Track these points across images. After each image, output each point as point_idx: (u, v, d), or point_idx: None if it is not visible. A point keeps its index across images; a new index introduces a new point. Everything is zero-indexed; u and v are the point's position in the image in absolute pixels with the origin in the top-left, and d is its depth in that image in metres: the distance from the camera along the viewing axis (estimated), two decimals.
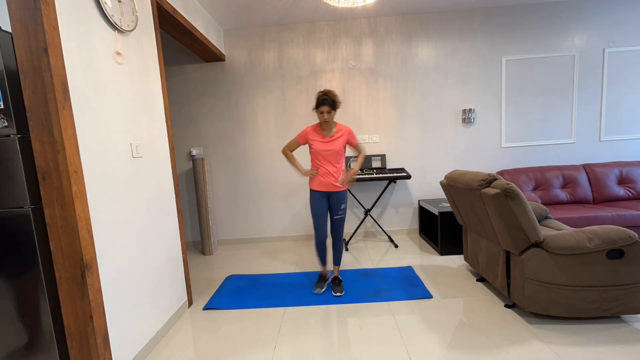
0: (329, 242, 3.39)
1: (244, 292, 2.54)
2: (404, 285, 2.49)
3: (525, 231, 1.83)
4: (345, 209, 2.46)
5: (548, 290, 1.83)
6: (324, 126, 2.36)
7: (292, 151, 2.49)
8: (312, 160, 2.43)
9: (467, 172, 2.23)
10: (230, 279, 2.82)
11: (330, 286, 2.54)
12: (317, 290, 2.45)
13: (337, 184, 2.38)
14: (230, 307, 2.31)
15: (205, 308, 2.32)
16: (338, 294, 2.40)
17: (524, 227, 1.82)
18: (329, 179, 2.37)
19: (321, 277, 2.57)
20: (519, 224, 1.82)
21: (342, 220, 2.46)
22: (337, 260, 2.53)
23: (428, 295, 2.29)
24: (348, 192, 3.76)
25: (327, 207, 2.46)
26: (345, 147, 2.40)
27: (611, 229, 1.78)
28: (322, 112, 2.27)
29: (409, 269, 2.78)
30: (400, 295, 2.34)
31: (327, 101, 2.24)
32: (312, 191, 2.43)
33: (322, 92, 2.30)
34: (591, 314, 1.80)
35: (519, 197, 1.78)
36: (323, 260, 2.54)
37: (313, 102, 3.64)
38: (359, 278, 2.68)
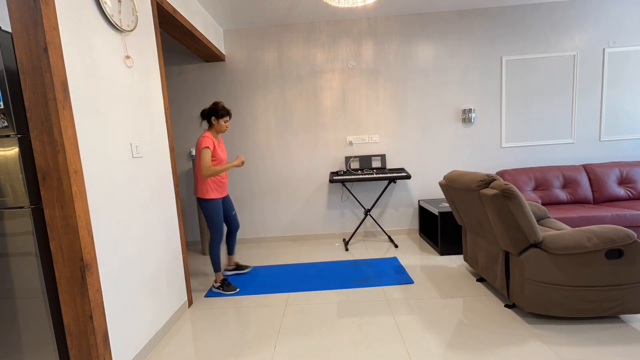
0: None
1: (243, 285, 2.67)
2: (389, 272, 2.75)
3: (524, 231, 1.83)
4: None
5: (547, 290, 1.83)
6: (216, 135, 2.53)
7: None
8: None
9: (465, 172, 2.23)
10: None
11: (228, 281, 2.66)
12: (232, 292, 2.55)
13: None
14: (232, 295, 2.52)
15: (207, 295, 2.51)
16: (231, 292, 2.55)
17: (522, 228, 1.82)
18: (225, 184, 2.59)
19: (226, 282, 2.61)
20: (517, 225, 1.83)
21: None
22: (234, 249, 2.85)
23: (410, 281, 2.54)
24: (349, 190, 3.76)
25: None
26: None
27: (610, 228, 1.78)
28: (226, 121, 2.48)
29: (394, 260, 3.03)
30: (386, 281, 2.58)
31: (230, 113, 2.48)
32: (214, 201, 2.46)
33: (221, 104, 2.45)
34: (590, 314, 1.80)
35: (517, 197, 1.78)
36: (219, 266, 2.59)
37: (313, 102, 3.64)
38: (349, 268, 2.93)
